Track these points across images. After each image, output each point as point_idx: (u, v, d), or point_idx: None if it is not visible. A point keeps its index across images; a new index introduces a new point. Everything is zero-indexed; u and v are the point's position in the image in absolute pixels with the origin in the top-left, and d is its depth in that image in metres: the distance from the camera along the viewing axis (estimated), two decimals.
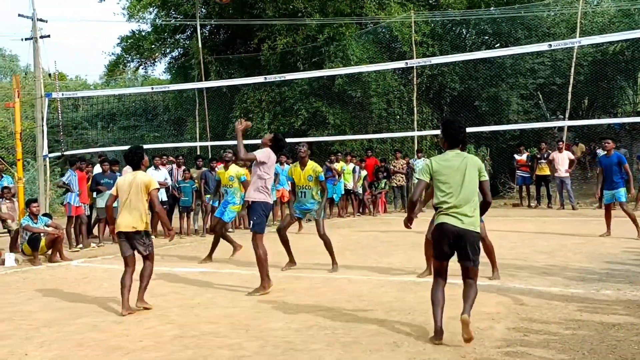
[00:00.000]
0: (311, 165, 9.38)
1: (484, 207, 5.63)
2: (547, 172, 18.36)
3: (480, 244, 5.79)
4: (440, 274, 5.52)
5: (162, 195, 14.68)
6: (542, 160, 18.39)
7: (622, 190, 11.65)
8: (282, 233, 9.36)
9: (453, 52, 21.74)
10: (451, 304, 5.76)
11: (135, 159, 7.29)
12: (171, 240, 8.13)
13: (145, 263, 7.26)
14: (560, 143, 18.06)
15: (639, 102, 25.90)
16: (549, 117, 23.59)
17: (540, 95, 24.11)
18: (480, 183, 5.48)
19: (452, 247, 5.39)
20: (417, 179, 5.71)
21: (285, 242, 9.40)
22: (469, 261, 5.39)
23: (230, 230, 14.05)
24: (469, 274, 5.44)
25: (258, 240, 7.87)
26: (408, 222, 5.91)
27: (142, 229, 7.11)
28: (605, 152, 11.99)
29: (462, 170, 5.41)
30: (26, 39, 23.84)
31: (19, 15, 20.94)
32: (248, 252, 9.67)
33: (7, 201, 11.91)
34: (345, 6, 23.46)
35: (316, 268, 9.49)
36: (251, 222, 8.03)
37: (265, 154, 7.96)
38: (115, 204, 7.41)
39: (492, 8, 23.37)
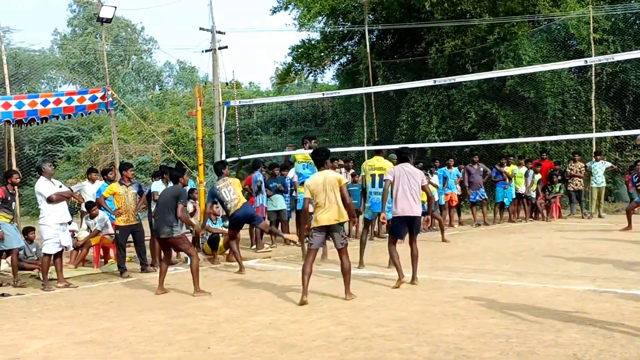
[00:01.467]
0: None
1: None
2: None
3: None
4: None
5: None
6: None
7: None
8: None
9: (638, 47, 20.23)
10: None
11: (321, 157, 8.05)
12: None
13: (342, 258, 7.84)
14: None
15: None
16: None
17: None
18: None
19: None
20: None
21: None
22: None
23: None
24: None
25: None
26: None
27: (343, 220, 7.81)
28: None
29: None
30: (206, 51, 25.40)
31: (200, 28, 22.34)
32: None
33: (193, 202, 12.71)
34: (517, 4, 22.64)
35: (486, 272, 9.22)
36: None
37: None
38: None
39: None
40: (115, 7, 15.47)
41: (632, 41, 21.38)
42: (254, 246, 13.73)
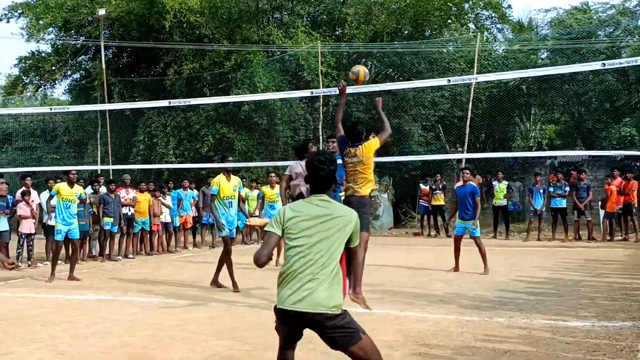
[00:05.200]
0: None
1: None
2: (442, 201, 19.29)
3: None
4: None
5: None
6: (438, 191, 19.31)
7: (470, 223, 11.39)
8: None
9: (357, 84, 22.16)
10: None
11: None
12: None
13: None
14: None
15: (530, 137, 27.24)
16: (448, 149, 24.44)
17: (441, 128, 24.95)
18: None
19: None
20: None
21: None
22: None
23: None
24: None
25: None
26: None
27: None
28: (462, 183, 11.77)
29: None
30: None
31: None
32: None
33: None
34: (253, 34, 23.62)
35: (214, 294, 9.36)
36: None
37: None
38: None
39: (395, 42, 24.11)
40: None
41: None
42: None
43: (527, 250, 15.37)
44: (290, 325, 3.99)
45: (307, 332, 3.92)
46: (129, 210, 15.28)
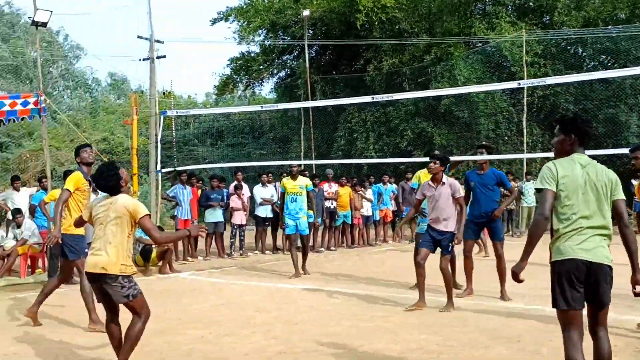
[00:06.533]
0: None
1: None
2: None
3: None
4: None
5: (267, 212, 14.97)
6: None
7: None
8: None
9: (567, 71, 20.97)
10: None
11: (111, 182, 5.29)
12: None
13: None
14: None
15: None
16: None
17: None
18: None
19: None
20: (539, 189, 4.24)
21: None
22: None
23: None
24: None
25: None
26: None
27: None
28: None
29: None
30: (144, 59, 24.93)
31: (138, 37, 21.89)
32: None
33: None
34: (454, 26, 23.22)
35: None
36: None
37: None
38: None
39: (610, 27, 22.40)
40: (51, 12, 15.01)
41: (563, 65, 22.15)
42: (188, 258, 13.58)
43: None
44: (577, 274, 4.03)
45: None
46: (331, 204, 15.69)
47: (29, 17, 27.55)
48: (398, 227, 9.99)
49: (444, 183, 8.06)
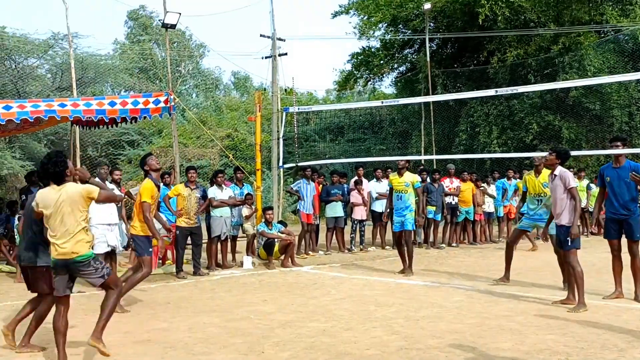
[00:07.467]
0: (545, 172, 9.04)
1: None
2: None
3: None
4: None
5: (384, 207, 14.94)
6: None
7: None
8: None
9: None
10: None
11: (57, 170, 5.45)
12: None
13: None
14: None
15: None
16: None
17: None
18: None
19: None
20: None
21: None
22: None
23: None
24: None
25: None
26: None
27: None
28: None
29: None
30: (266, 57, 25.56)
31: (261, 35, 22.45)
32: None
33: (248, 207, 12.79)
34: (584, 14, 22.15)
35: (543, 287, 8.97)
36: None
37: None
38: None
39: None
40: (180, 14, 15.72)
41: None
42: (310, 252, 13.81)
43: None
44: None
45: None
46: (453, 200, 15.45)
47: (159, 20, 28.98)
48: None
49: (555, 175, 7.90)
